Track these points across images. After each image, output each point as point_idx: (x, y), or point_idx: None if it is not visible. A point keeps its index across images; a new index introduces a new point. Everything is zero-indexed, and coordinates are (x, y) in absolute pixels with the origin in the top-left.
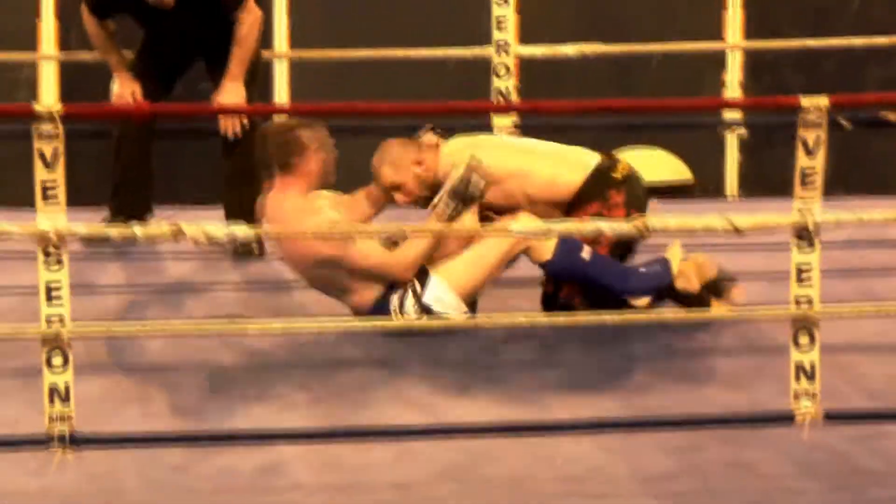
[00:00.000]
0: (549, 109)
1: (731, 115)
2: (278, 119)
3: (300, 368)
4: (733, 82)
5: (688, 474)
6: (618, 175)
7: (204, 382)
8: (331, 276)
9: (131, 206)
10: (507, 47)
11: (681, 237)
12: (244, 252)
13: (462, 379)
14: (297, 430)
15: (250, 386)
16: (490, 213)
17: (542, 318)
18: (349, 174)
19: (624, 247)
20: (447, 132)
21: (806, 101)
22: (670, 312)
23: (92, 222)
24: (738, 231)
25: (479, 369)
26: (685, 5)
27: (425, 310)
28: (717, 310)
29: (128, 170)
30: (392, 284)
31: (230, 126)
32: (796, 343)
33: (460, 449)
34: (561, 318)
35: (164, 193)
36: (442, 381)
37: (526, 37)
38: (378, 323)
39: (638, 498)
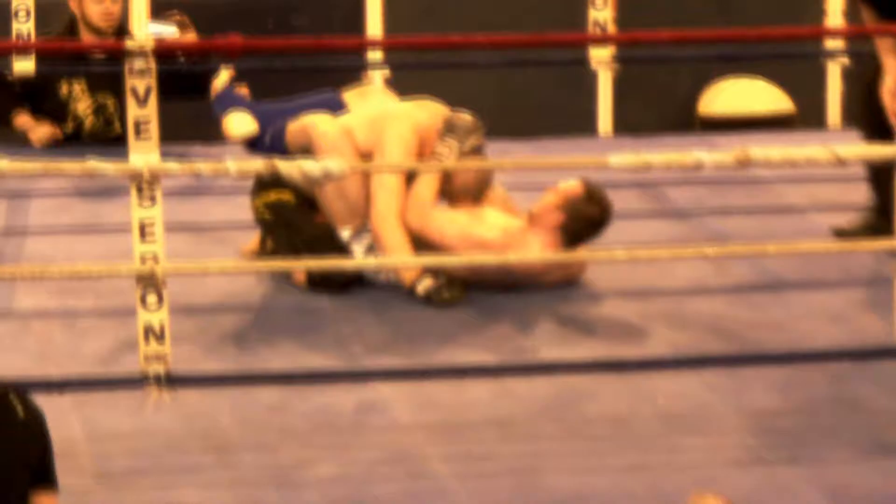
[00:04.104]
0: (647, 40)
1: (833, 43)
2: None
3: (392, 309)
4: (836, 10)
5: (794, 411)
6: None
7: (298, 322)
8: None
9: None
10: None
11: (783, 168)
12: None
13: (553, 316)
14: (394, 368)
15: (344, 325)
16: None
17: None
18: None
19: None
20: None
21: None
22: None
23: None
24: (841, 162)
25: (573, 303)
26: None
27: None
28: None
29: None
30: None
31: None
32: None
33: (560, 386)
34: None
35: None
36: (535, 319)
37: None
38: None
39: (743, 434)
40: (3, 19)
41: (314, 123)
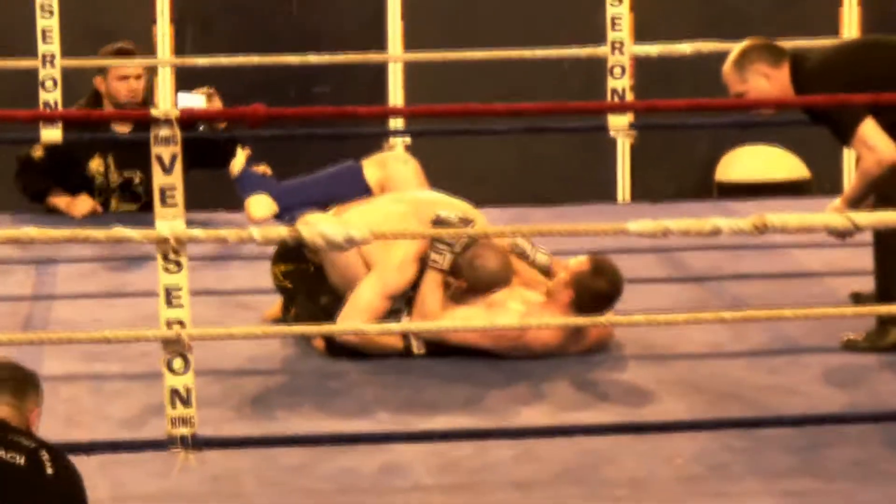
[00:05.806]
0: (665, 108)
1: None
2: None
3: (414, 372)
4: None
5: (811, 473)
6: None
7: (321, 385)
8: None
9: None
10: (622, 46)
11: (799, 234)
12: None
13: (573, 380)
14: (416, 430)
15: (367, 389)
16: None
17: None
18: (463, 175)
19: None
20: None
21: None
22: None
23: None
24: (857, 227)
25: (593, 367)
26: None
27: None
28: None
29: None
30: None
31: None
32: None
33: (580, 449)
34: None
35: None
36: (556, 383)
37: (641, 35)
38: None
39: (761, 497)
40: (32, 88)
41: (315, 225)
